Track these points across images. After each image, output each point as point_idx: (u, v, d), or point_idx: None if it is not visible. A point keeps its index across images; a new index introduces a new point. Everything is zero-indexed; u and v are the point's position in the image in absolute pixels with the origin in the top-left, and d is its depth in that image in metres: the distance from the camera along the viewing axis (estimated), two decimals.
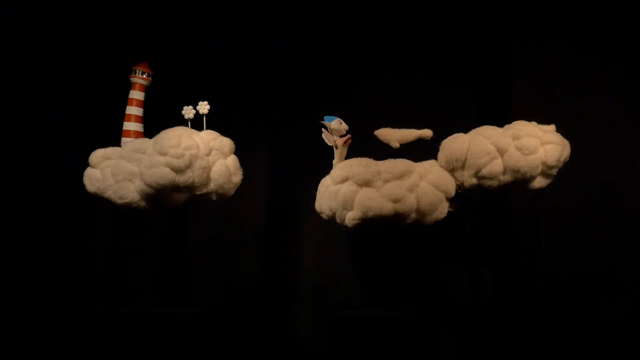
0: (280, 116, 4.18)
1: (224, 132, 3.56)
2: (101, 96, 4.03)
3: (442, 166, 3.49)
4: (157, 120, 3.59)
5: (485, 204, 3.98)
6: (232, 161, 3.53)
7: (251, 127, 4.14)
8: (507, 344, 3.68)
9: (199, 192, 3.45)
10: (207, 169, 3.41)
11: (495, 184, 3.45)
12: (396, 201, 3.29)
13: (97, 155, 3.49)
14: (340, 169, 3.39)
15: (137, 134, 3.61)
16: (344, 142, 3.48)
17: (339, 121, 3.48)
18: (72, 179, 3.61)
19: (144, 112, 3.65)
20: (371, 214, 3.28)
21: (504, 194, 3.94)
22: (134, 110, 3.63)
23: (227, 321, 4.00)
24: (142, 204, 3.44)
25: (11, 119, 4.05)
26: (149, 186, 3.34)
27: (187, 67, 4.14)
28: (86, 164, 3.50)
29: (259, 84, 4.17)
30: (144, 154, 3.40)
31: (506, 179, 3.42)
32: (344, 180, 3.34)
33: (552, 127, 3.50)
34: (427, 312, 3.55)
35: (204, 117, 3.57)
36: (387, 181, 3.33)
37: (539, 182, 3.48)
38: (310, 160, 3.92)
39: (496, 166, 3.41)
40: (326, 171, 3.48)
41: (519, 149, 3.37)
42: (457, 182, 3.49)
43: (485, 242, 4.01)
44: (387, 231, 3.75)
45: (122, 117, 3.63)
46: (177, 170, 3.31)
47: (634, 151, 4.06)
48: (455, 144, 3.46)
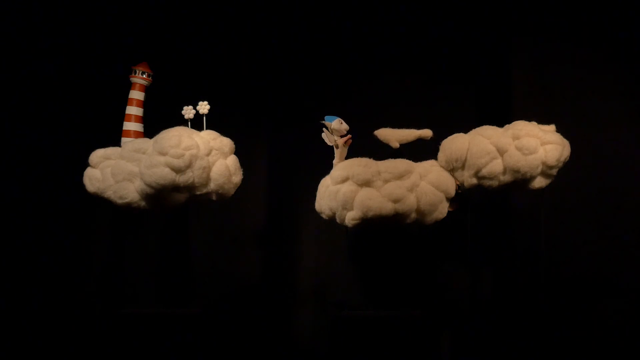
0: (280, 116, 4.18)
1: (224, 132, 3.56)
2: (101, 96, 4.02)
3: (442, 166, 3.49)
4: (157, 120, 3.59)
5: (485, 204, 3.98)
6: (232, 161, 3.53)
7: (251, 127, 4.14)
8: (507, 344, 3.68)
9: (199, 192, 3.44)
10: (207, 169, 3.40)
11: (495, 184, 3.44)
12: (396, 201, 3.29)
13: (97, 155, 3.49)
14: (340, 169, 3.39)
15: (137, 134, 3.61)
16: (344, 142, 3.48)
17: (340, 121, 3.48)
18: (72, 179, 3.61)
19: (144, 112, 3.65)
20: (371, 214, 3.27)
21: (504, 194, 3.94)
22: (134, 110, 3.63)
23: (227, 321, 4.00)
24: (142, 204, 3.44)
25: (11, 119, 4.04)
26: (149, 186, 3.34)
27: (187, 67, 4.13)
28: (86, 164, 3.50)
29: (259, 84, 4.17)
30: (144, 154, 3.40)
31: (506, 179, 3.42)
32: (344, 180, 3.34)
33: (552, 127, 3.50)
34: (427, 312, 3.55)
35: (204, 117, 3.57)
36: (387, 181, 3.33)
37: (539, 182, 3.48)
38: (310, 160, 3.91)
39: (496, 166, 3.40)
40: (326, 171, 3.48)
41: (519, 149, 3.37)
42: (457, 182, 3.49)
43: (485, 242, 4.01)
44: (387, 231, 3.75)
45: (122, 117, 3.63)
46: (177, 170, 3.31)
47: (634, 151, 4.05)
48: (455, 144, 3.46)
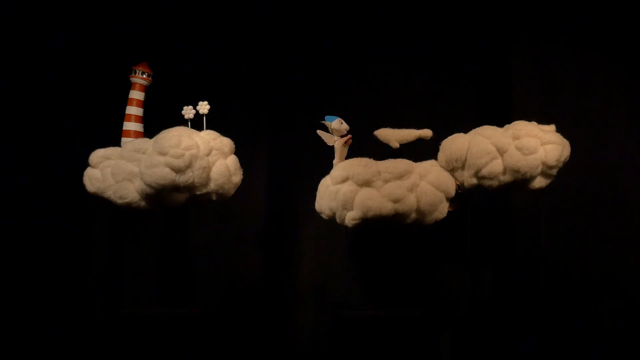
0: (280, 116, 4.18)
1: (224, 132, 3.56)
2: (101, 96, 4.02)
3: (442, 166, 3.49)
4: (157, 120, 3.59)
5: (485, 204, 3.98)
6: (232, 161, 3.53)
7: (251, 127, 4.14)
8: (507, 344, 3.68)
9: (199, 192, 3.44)
10: (207, 169, 3.40)
11: (495, 184, 3.44)
12: (396, 201, 3.29)
13: (97, 155, 3.49)
14: (340, 169, 3.39)
15: (137, 134, 3.61)
16: (344, 142, 3.48)
17: (340, 121, 3.47)
18: (72, 179, 3.61)
19: (144, 112, 3.65)
20: (371, 214, 3.27)
21: (504, 194, 3.94)
22: (134, 110, 3.63)
23: (227, 321, 4.00)
24: (142, 204, 3.44)
25: (11, 119, 4.04)
26: (149, 186, 3.34)
27: (187, 67, 4.13)
28: (86, 164, 3.50)
29: (259, 84, 4.17)
30: (144, 154, 3.40)
31: (506, 179, 3.42)
32: (344, 180, 3.34)
33: (552, 127, 3.50)
34: (427, 312, 3.55)
35: (204, 117, 3.57)
36: (387, 181, 3.32)
37: (539, 182, 3.47)
38: (310, 160, 3.91)
39: (496, 166, 3.40)
40: (326, 171, 3.48)
41: (519, 149, 3.37)
42: (457, 182, 3.49)
43: (485, 242, 4.01)
44: (387, 231, 3.75)
45: (122, 117, 3.63)
46: (177, 170, 3.31)
47: (634, 151, 4.05)
48: (455, 144, 3.46)
